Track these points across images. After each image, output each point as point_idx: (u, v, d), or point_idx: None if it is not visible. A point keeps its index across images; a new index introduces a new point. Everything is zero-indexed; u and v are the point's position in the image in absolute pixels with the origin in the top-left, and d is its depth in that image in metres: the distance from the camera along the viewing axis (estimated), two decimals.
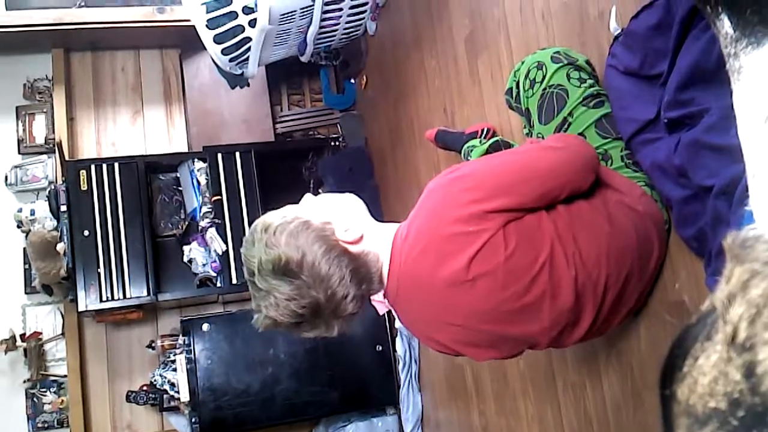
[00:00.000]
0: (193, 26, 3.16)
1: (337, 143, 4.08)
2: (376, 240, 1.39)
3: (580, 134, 1.60)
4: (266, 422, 3.49)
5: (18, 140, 3.88)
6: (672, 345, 0.47)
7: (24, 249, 3.65)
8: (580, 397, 1.93)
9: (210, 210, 3.66)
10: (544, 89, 1.66)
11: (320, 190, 3.96)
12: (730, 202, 1.21)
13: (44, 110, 3.92)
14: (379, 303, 3.61)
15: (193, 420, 3.37)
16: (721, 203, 1.24)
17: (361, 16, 3.57)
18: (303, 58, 3.73)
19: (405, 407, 3.39)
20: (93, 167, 3.56)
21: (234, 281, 3.60)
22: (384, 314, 3.62)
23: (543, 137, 1.64)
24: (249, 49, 3.26)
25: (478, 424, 2.68)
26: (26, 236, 3.56)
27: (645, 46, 1.48)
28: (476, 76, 2.48)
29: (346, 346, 3.60)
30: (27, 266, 3.65)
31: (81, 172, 3.53)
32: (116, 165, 3.60)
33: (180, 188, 3.85)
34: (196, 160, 3.76)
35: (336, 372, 3.56)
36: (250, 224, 3.65)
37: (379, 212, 3.73)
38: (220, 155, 3.71)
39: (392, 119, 3.44)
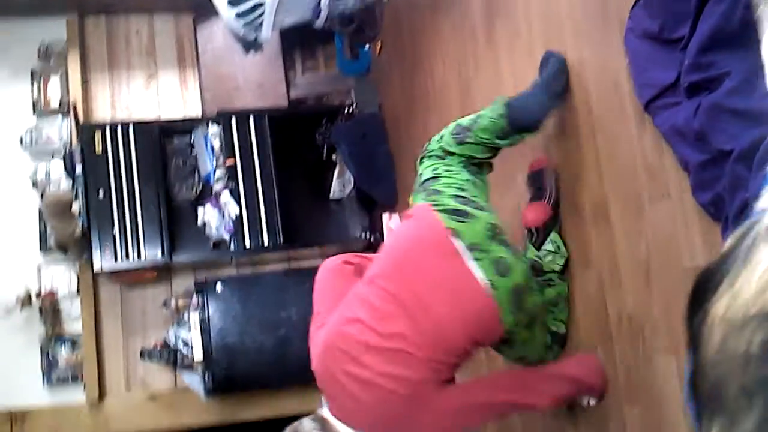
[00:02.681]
0: None
1: (351, 109, 4.09)
2: None
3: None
4: (278, 383, 3.56)
5: (33, 102, 3.91)
6: (699, 279, 0.49)
7: (39, 209, 3.68)
8: None
9: (224, 174, 3.69)
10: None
11: (334, 156, 3.97)
12: (749, 166, 1.22)
13: (59, 73, 3.94)
14: None
15: (206, 378, 3.43)
16: (740, 167, 1.25)
17: None
18: (317, 24, 3.71)
19: None
20: (108, 130, 3.59)
21: (247, 245, 3.64)
22: None
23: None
24: (263, 13, 3.25)
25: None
26: (41, 196, 3.60)
27: (665, 10, 1.48)
28: (493, 43, 2.48)
29: None
30: (42, 226, 3.70)
31: (96, 134, 3.56)
32: (131, 128, 3.62)
33: (194, 152, 3.87)
34: (210, 124, 3.78)
35: None
36: (264, 187, 3.71)
37: (392, 180, 3.75)
38: (234, 120, 3.73)
39: (407, 85, 3.44)
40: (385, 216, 3.69)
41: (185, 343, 3.56)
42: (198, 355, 3.45)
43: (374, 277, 1.83)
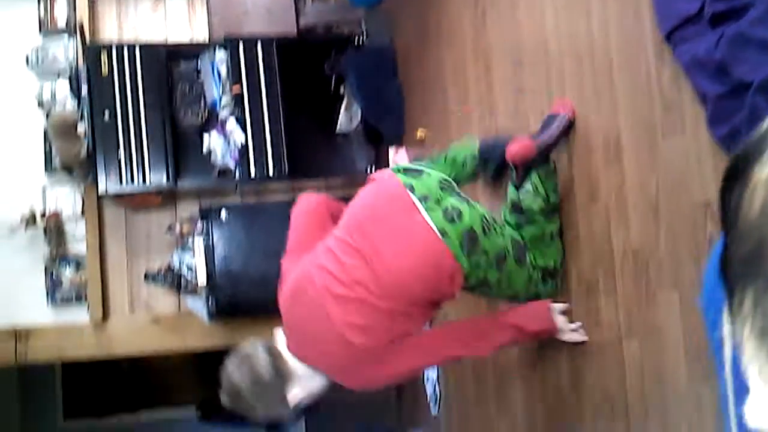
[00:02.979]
0: None
1: (361, 40, 4.01)
2: None
3: None
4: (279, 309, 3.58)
5: (39, 21, 3.84)
6: (737, 156, 0.48)
7: (45, 129, 3.66)
8: (592, 294, 1.96)
9: (230, 101, 3.65)
10: None
11: (342, 88, 3.92)
12: None
13: None
14: None
15: (210, 302, 3.47)
16: (759, 99, 1.23)
17: None
18: None
19: None
20: (114, 51, 3.54)
21: (252, 173, 3.63)
22: None
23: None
24: None
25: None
26: (47, 116, 3.57)
27: None
28: None
29: None
30: (48, 146, 3.68)
31: (102, 55, 3.51)
32: (137, 50, 3.57)
33: (200, 78, 3.82)
34: (217, 49, 3.72)
35: None
36: (270, 117, 3.68)
37: (400, 114, 3.71)
38: (241, 46, 3.66)
39: (420, 18, 3.37)
40: (392, 150, 3.68)
41: (189, 268, 3.59)
42: (202, 279, 3.48)
43: (340, 231, 1.97)
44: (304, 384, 1.92)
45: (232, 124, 3.60)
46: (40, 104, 3.63)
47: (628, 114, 1.76)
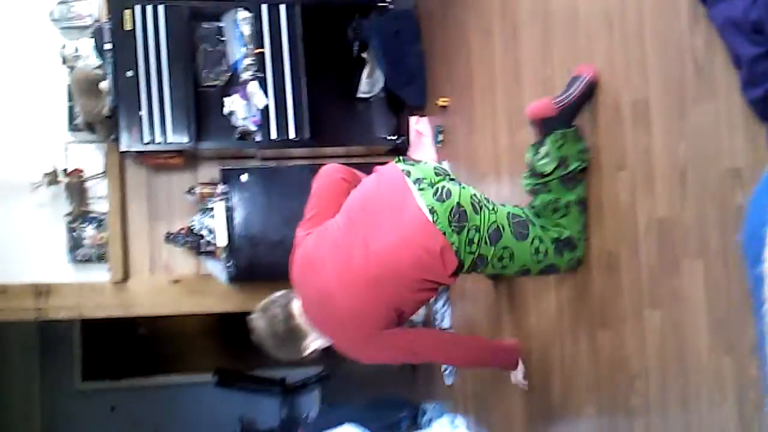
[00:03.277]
0: None
1: (385, 5, 3.96)
2: None
3: None
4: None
5: None
6: None
7: (68, 86, 3.67)
8: (613, 266, 1.94)
9: (252, 62, 3.63)
10: None
11: (364, 54, 3.88)
12: None
13: None
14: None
15: (229, 264, 3.48)
16: None
17: None
18: None
19: None
20: (138, 8, 3.52)
21: (273, 136, 3.62)
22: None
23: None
24: None
25: (506, 294, 2.72)
26: (70, 73, 3.57)
27: None
28: None
29: None
30: (71, 103, 3.69)
31: (125, 11, 3.50)
32: (161, 8, 3.55)
33: (223, 38, 3.79)
34: (240, 10, 3.69)
35: None
36: (292, 80, 3.65)
37: (422, 81, 3.66)
38: (265, 7, 3.63)
39: None
40: (413, 119, 3.66)
41: (209, 231, 3.60)
42: (222, 242, 3.49)
43: (345, 213, 2.13)
44: (315, 339, 2.17)
45: (253, 87, 3.58)
46: (64, 61, 3.63)
47: (658, 78, 1.72)
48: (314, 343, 2.18)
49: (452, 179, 2.11)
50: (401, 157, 2.22)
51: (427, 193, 1.99)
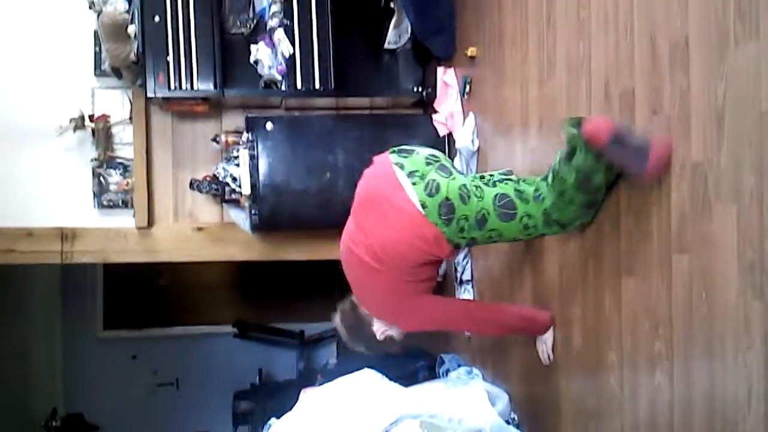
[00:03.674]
0: None
1: None
2: None
3: None
4: (320, 225, 3.62)
5: None
6: None
7: (95, 31, 3.67)
8: (643, 211, 1.93)
9: (279, 10, 3.60)
10: None
11: (391, 3, 3.83)
12: None
13: None
14: (441, 124, 3.61)
15: (253, 212, 3.50)
16: None
17: None
18: None
19: None
20: None
21: (299, 86, 3.61)
22: (444, 135, 3.62)
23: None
24: None
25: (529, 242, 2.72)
26: (98, 17, 3.56)
27: None
28: None
29: None
30: (98, 48, 3.70)
31: None
32: None
33: None
34: None
35: None
36: (318, 29, 3.63)
37: (451, 32, 3.62)
38: None
39: None
40: (440, 70, 3.62)
41: (233, 179, 3.62)
42: (246, 190, 3.50)
43: (354, 207, 2.40)
44: (379, 326, 2.48)
45: (280, 35, 3.56)
46: (91, 5, 3.62)
47: (699, 18, 1.69)
48: (380, 328, 2.48)
49: (442, 166, 2.24)
50: (395, 149, 2.34)
51: (419, 188, 2.17)
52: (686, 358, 1.76)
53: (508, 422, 2.52)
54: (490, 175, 2.39)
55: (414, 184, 2.17)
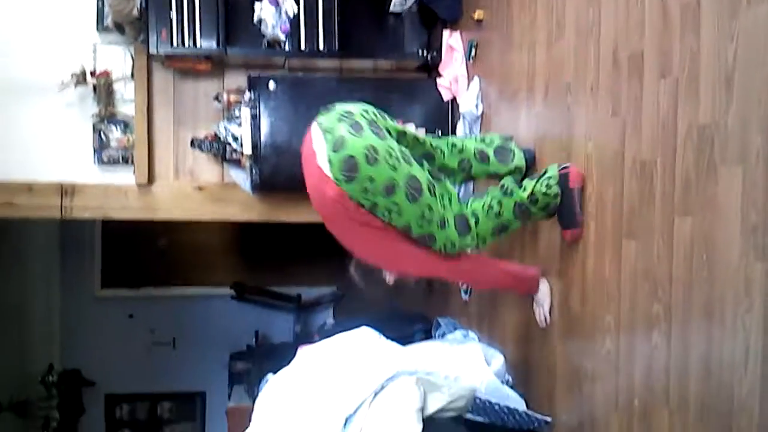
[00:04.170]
0: None
1: None
2: None
3: None
4: None
5: None
6: None
7: None
8: (647, 175, 1.93)
9: None
10: None
11: None
12: None
13: None
14: (445, 88, 3.59)
15: (253, 172, 3.50)
16: None
17: None
18: None
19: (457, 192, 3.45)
20: None
21: (302, 46, 3.58)
22: (448, 100, 3.61)
23: None
24: None
25: None
26: None
27: None
28: None
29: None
30: (100, 3, 3.66)
31: None
32: None
33: None
34: None
35: None
36: None
37: None
38: None
39: None
40: (446, 33, 3.59)
41: (235, 138, 3.61)
42: (247, 149, 3.50)
43: None
44: None
45: None
46: None
47: None
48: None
49: (356, 123, 2.15)
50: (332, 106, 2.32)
51: (329, 144, 2.13)
52: (684, 320, 1.78)
53: (503, 383, 2.55)
54: (460, 149, 2.55)
55: (326, 141, 2.14)
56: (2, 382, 5.74)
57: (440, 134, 3.59)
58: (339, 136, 2.12)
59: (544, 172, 2.38)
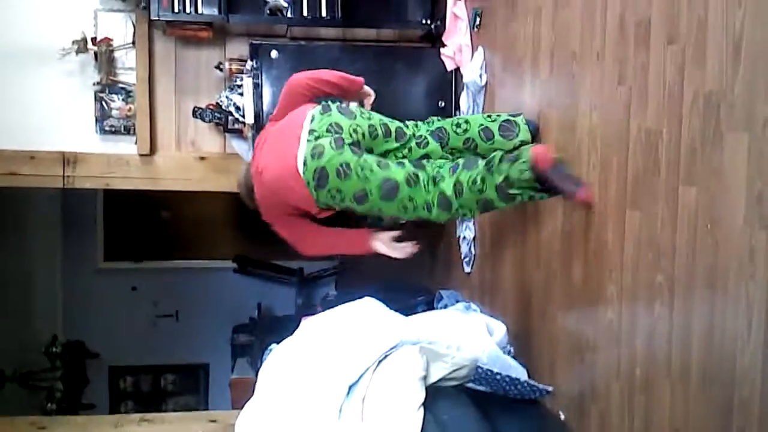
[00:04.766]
0: None
1: None
2: None
3: None
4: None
5: None
6: None
7: None
8: (652, 144, 1.91)
9: None
10: None
11: None
12: None
13: None
14: (448, 58, 3.55)
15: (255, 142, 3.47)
16: None
17: None
18: None
19: None
20: None
21: (305, 14, 3.55)
22: (451, 70, 3.57)
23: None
24: None
25: None
26: None
27: None
28: None
29: (409, 98, 3.61)
30: None
31: None
32: None
33: None
34: None
35: None
36: None
37: None
38: None
39: None
40: (450, 1, 3.55)
41: (237, 108, 3.58)
42: (249, 118, 3.47)
43: (272, 131, 2.72)
44: None
45: None
46: None
47: None
48: None
49: (339, 138, 2.43)
50: (328, 100, 2.63)
51: (309, 147, 2.42)
52: (687, 289, 1.77)
53: (505, 353, 2.55)
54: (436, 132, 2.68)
55: (308, 141, 2.43)
56: (6, 354, 5.78)
57: (443, 106, 3.57)
58: (320, 144, 2.41)
59: (518, 156, 2.27)
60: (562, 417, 2.41)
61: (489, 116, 2.70)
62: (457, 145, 2.65)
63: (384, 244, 2.76)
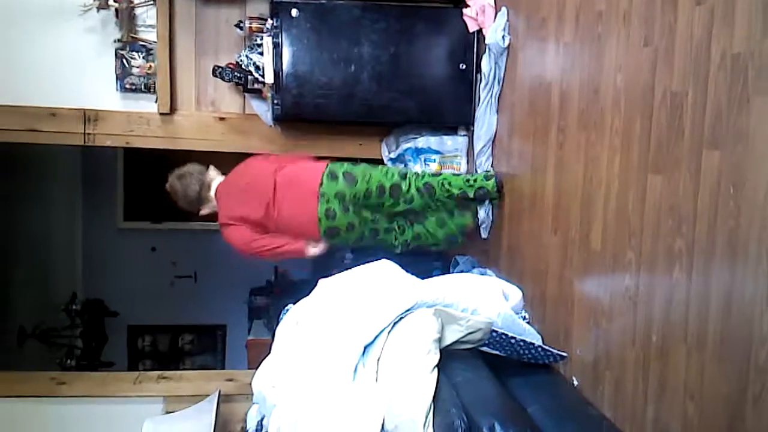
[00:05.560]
0: None
1: None
2: None
3: None
4: (343, 118, 3.59)
5: None
6: None
7: None
8: (677, 107, 1.88)
9: None
10: None
11: None
12: None
13: None
14: (471, 19, 3.50)
15: (275, 102, 3.46)
16: None
17: None
18: None
19: (479, 125, 3.40)
20: None
21: None
22: (473, 31, 3.52)
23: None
24: None
25: (555, 141, 2.68)
26: None
27: None
28: None
29: (430, 59, 3.57)
30: None
31: None
32: None
33: None
34: None
35: (416, 83, 3.56)
36: None
37: None
38: None
39: None
40: None
41: (257, 67, 3.56)
42: (269, 78, 3.45)
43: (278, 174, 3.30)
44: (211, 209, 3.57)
45: None
46: None
47: None
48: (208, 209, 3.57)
49: (344, 202, 3.14)
50: (343, 165, 3.23)
51: (322, 208, 3.12)
52: (707, 254, 1.75)
53: (520, 318, 2.55)
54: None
55: (320, 202, 3.11)
56: (26, 311, 5.87)
57: (464, 68, 3.53)
58: (331, 208, 3.13)
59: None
60: (576, 383, 2.41)
61: (467, 180, 3.27)
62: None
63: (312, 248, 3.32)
